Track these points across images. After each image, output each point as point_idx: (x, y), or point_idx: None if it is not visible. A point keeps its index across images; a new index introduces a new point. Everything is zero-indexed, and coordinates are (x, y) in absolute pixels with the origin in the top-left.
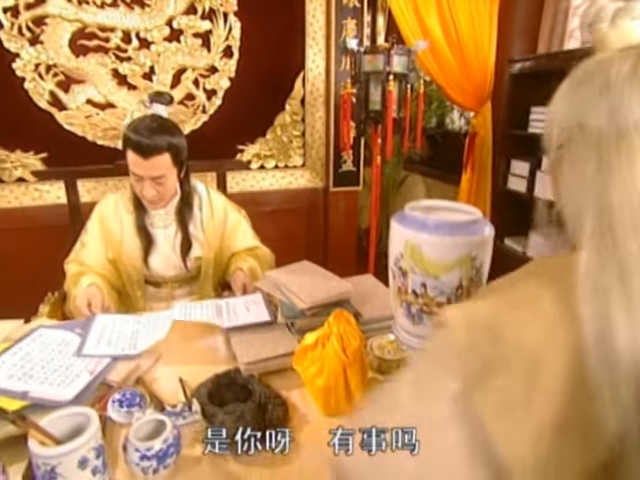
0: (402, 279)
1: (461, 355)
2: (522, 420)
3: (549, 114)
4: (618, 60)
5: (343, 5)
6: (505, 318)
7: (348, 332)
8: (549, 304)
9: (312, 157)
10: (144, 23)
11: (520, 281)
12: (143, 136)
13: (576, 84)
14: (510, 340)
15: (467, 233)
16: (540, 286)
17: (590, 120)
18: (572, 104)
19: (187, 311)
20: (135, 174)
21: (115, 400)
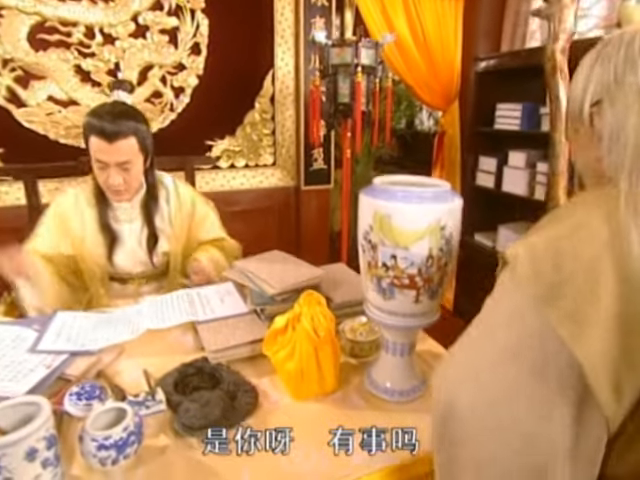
0: (372, 253)
1: (530, 282)
2: (591, 319)
3: (580, 79)
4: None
5: (311, 4)
6: (563, 244)
7: (318, 312)
8: (599, 226)
9: (283, 156)
10: (108, 18)
11: (568, 213)
12: (107, 120)
13: (613, 49)
14: (570, 261)
15: (436, 202)
16: (588, 213)
17: (629, 77)
18: (609, 66)
19: (159, 309)
20: (100, 161)
21: (73, 393)
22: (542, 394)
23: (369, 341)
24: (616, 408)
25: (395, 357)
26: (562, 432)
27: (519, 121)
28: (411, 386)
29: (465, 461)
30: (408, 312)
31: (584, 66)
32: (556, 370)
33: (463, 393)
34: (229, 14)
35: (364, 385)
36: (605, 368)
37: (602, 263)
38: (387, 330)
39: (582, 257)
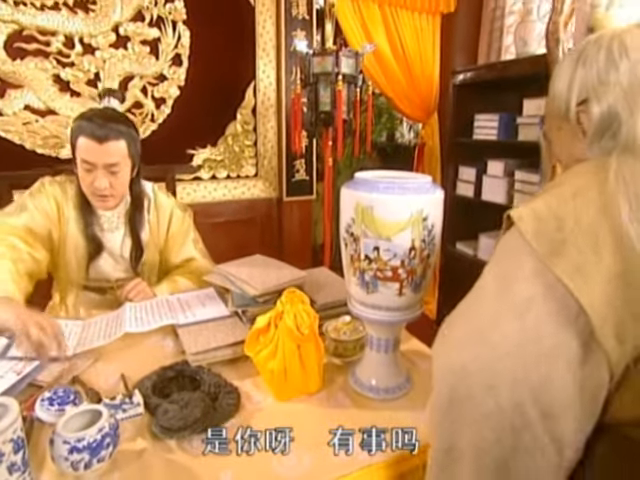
0: (354, 245)
1: (533, 239)
2: (593, 273)
3: (562, 81)
4: (628, 31)
5: (292, 17)
6: (563, 208)
7: (301, 310)
8: (595, 195)
9: (265, 167)
10: (88, 28)
11: (568, 181)
12: (97, 122)
13: (593, 52)
14: (571, 223)
15: (418, 193)
16: (587, 181)
17: (611, 77)
18: (591, 68)
19: (139, 314)
20: (87, 162)
21: (45, 399)
22: (551, 342)
23: (353, 340)
24: (619, 354)
25: (379, 354)
26: (571, 377)
27: (496, 131)
28: (396, 383)
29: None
30: (392, 305)
31: (564, 68)
32: (563, 317)
33: (467, 354)
34: (211, 26)
35: (349, 384)
36: (609, 317)
37: (600, 227)
38: (371, 325)
39: (581, 220)
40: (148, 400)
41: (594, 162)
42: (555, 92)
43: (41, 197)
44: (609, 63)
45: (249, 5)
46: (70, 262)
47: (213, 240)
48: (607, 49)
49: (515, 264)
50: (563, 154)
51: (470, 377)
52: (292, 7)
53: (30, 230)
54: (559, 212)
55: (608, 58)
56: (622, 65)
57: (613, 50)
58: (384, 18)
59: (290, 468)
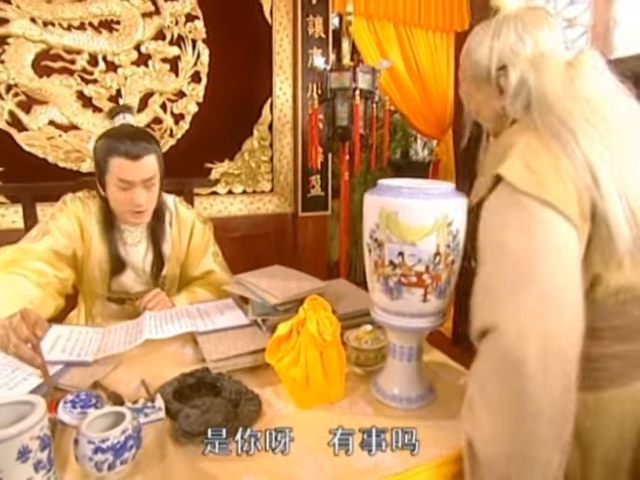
0: (378, 251)
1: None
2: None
3: (481, 51)
4: (525, 13)
5: (309, 36)
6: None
7: (324, 317)
8: (538, 145)
9: (280, 182)
10: (112, 47)
11: (517, 140)
12: (127, 140)
13: (504, 29)
14: (539, 167)
15: (442, 198)
16: (527, 140)
17: (520, 48)
18: (505, 42)
19: (158, 322)
20: (124, 180)
21: (67, 401)
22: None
23: (375, 349)
24: (582, 225)
25: (402, 362)
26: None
27: None
28: (419, 393)
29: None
30: (416, 312)
31: (481, 42)
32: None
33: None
34: (229, 44)
35: (371, 393)
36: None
37: (560, 163)
38: (394, 333)
39: (544, 163)
40: (169, 405)
41: (523, 124)
42: (476, 60)
43: (62, 217)
44: (517, 38)
45: (267, 24)
46: (94, 276)
47: (228, 254)
48: (514, 27)
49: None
50: (484, 109)
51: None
52: (309, 26)
53: (54, 252)
54: (527, 163)
55: (515, 34)
56: (526, 39)
57: (518, 28)
58: (399, 37)
59: (312, 473)
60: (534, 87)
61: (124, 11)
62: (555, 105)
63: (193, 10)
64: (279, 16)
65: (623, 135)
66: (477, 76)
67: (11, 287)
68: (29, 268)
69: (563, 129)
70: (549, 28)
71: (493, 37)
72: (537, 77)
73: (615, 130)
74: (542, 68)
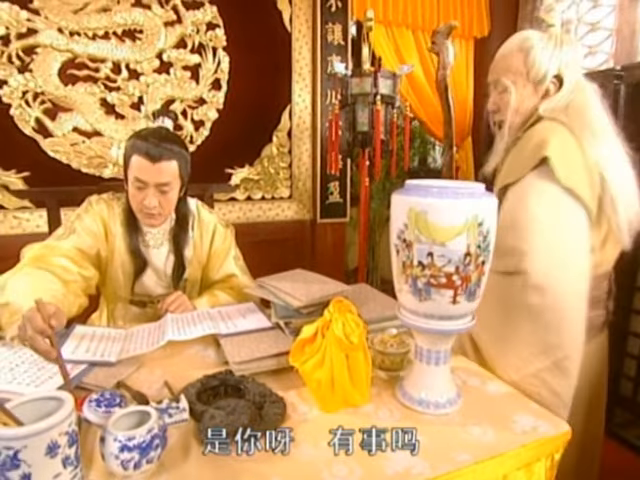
0: (406, 252)
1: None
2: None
3: (545, 55)
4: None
5: (328, 43)
6: (565, 150)
7: (350, 319)
8: (569, 140)
9: (299, 189)
10: (134, 55)
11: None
12: (152, 142)
13: (564, 44)
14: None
15: (472, 197)
16: (561, 134)
17: (572, 65)
18: (565, 55)
19: (180, 324)
20: (140, 180)
21: (92, 400)
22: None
23: (400, 353)
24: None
25: (430, 366)
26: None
27: None
28: (447, 398)
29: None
30: (445, 314)
31: (546, 47)
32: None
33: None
34: (249, 52)
35: (396, 397)
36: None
37: (586, 159)
38: (422, 336)
39: (577, 160)
40: (193, 406)
41: (554, 122)
42: (539, 61)
43: (88, 217)
44: (573, 56)
45: (286, 32)
46: (117, 278)
47: (247, 260)
48: (573, 46)
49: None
50: (525, 103)
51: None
52: (328, 33)
53: (79, 251)
54: (564, 154)
55: (572, 52)
56: (576, 59)
57: (573, 47)
58: (417, 43)
59: (341, 477)
60: (574, 99)
61: (147, 20)
62: (586, 116)
63: (214, 19)
64: (298, 24)
65: (612, 142)
66: (532, 74)
67: (36, 281)
68: (55, 264)
69: (587, 132)
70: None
71: (555, 47)
72: (579, 92)
73: (611, 138)
74: (581, 86)
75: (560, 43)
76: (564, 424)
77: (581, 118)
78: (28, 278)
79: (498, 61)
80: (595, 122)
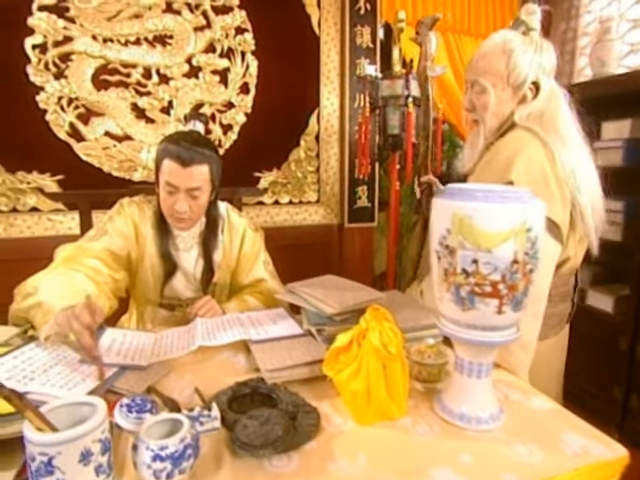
0: (449, 258)
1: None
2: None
3: (525, 60)
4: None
5: (357, 46)
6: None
7: (387, 328)
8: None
9: (327, 193)
10: (165, 60)
11: (519, 149)
12: (183, 145)
13: (543, 49)
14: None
15: (520, 202)
16: (529, 145)
17: (549, 72)
18: (545, 61)
19: (210, 329)
20: (170, 184)
21: (123, 405)
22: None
23: (438, 364)
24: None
25: (471, 379)
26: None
27: None
28: (489, 414)
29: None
30: (489, 325)
31: (527, 51)
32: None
33: None
34: (278, 56)
35: (434, 411)
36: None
37: (557, 170)
38: (463, 347)
39: (540, 174)
40: (225, 414)
41: (528, 132)
42: (519, 65)
43: (119, 219)
44: (551, 62)
45: (314, 35)
46: (147, 280)
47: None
48: (551, 52)
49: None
50: (502, 107)
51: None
52: (357, 36)
53: (110, 252)
54: (529, 178)
55: (551, 58)
56: (553, 66)
57: (551, 53)
58: (447, 45)
59: None
60: (549, 107)
61: (177, 26)
62: (559, 124)
63: (243, 23)
64: (327, 27)
65: (582, 150)
66: (512, 78)
67: (69, 281)
68: (86, 265)
69: (559, 142)
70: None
71: (536, 52)
72: (553, 100)
73: (581, 145)
74: (556, 93)
75: (540, 48)
76: (619, 446)
77: (554, 127)
78: (61, 278)
79: (477, 60)
80: (567, 130)
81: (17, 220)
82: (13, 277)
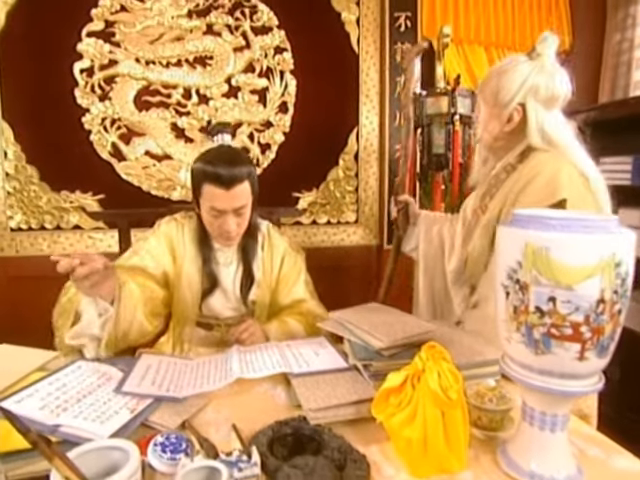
0: (520, 295)
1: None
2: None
3: (514, 82)
4: (552, 64)
5: (397, 64)
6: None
7: (446, 369)
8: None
9: (365, 213)
10: (205, 81)
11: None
12: (221, 167)
13: (537, 76)
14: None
15: (607, 232)
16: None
17: (541, 95)
18: (535, 85)
19: (248, 359)
20: (216, 209)
21: (157, 443)
22: None
23: (501, 410)
24: None
25: (543, 432)
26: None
27: (630, 175)
28: (566, 475)
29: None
30: (568, 372)
31: (519, 71)
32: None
33: None
34: (316, 75)
35: (498, 465)
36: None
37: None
38: (535, 395)
39: (581, 186)
40: (265, 460)
41: (553, 154)
42: (505, 84)
43: (153, 239)
44: (545, 87)
45: (353, 53)
46: (184, 298)
47: None
48: (548, 76)
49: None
50: (491, 123)
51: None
52: (396, 54)
53: (142, 271)
54: (577, 192)
55: (545, 83)
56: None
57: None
58: (490, 61)
59: None
60: (548, 128)
61: (217, 47)
62: (564, 140)
63: (282, 43)
64: (366, 45)
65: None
66: (500, 97)
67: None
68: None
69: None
70: (561, 80)
71: (530, 75)
72: (550, 119)
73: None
74: (554, 113)
75: (540, 71)
76: None
77: (565, 146)
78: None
79: (483, 80)
80: (579, 149)
81: (60, 237)
82: (54, 293)
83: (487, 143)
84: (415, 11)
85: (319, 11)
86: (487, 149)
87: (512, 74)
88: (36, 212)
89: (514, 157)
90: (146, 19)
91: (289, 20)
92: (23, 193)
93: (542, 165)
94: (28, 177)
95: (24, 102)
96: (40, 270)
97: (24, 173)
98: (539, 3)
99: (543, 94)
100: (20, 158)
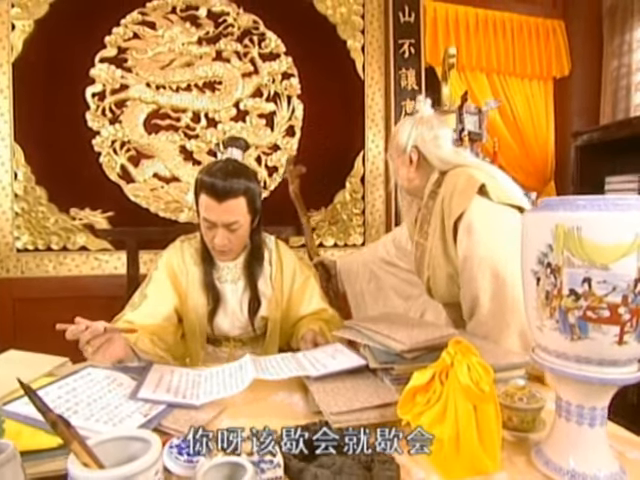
0: (552, 279)
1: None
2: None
3: (404, 132)
4: (431, 117)
5: (402, 88)
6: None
7: (476, 363)
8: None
9: (372, 236)
10: (213, 105)
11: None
12: (218, 178)
13: (421, 124)
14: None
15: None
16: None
17: (428, 138)
18: (421, 132)
19: (263, 365)
20: (207, 220)
21: (173, 446)
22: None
23: (533, 409)
24: None
25: (582, 427)
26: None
27: (637, 193)
28: (609, 473)
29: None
30: (606, 358)
31: (405, 125)
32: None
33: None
34: (323, 99)
35: (534, 465)
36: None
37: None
38: (571, 387)
39: (483, 174)
40: (289, 462)
41: (458, 169)
42: (397, 136)
43: (159, 274)
44: (427, 131)
45: (359, 79)
46: (192, 320)
47: None
48: (426, 123)
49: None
50: (396, 170)
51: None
52: (401, 79)
53: (160, 314)
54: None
55: (426, 128)
56: (431, 131)
57: (428, 125)
58: (492, 86)
59: None
60: (444, 156)
61: (226, 72)
62: (463, 160)
63: (289, 69)
64: (371, 71)
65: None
66: (396, 145)
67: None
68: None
69: (476, 167)
70: (446, 124)
71: (414, 126)
72: (441, 150)
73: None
74: (442, 145)
75: (419, 123)
76: None
77: (468, 163)
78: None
79: (388, 143)
80: (476, 159)
81: (66, 259)
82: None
83: (405, 187)
84: (419, 38)
85: (325, 39)
86: (407, 193)
87: (402, 128)
88: (43, 233)
89: (432, 184)
90: (157, 46)
91: (296, 47)
92: (31, 214)
93: (457, 175)
94: (37, 198)
95: (36, 124)
96: (45, 291)
97: (33, 194)
98: (537, 31)
99: (427, 134)
100: (30, 179)
